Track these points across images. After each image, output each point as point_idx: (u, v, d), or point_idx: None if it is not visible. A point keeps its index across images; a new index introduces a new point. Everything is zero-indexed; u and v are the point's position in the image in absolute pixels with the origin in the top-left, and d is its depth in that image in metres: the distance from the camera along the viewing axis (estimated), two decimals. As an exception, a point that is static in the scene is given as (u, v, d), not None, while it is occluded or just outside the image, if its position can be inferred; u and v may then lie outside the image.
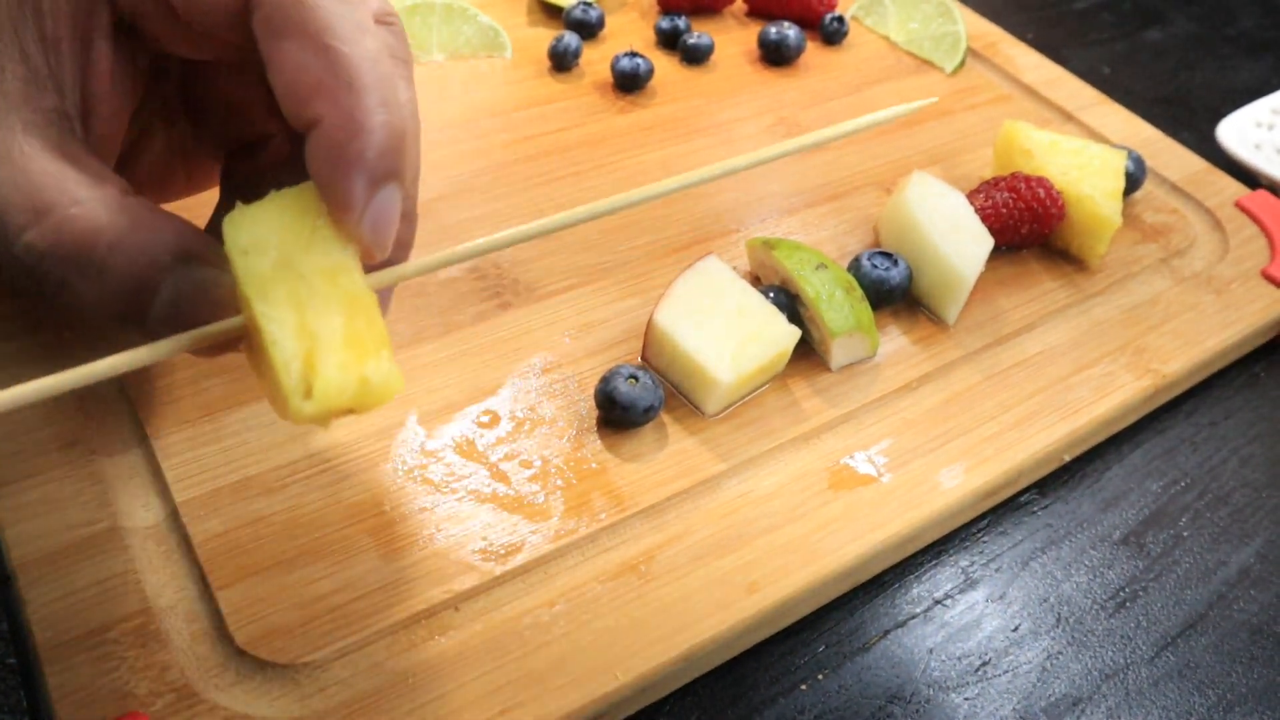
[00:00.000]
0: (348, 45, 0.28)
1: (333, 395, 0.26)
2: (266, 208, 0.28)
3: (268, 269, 0.27)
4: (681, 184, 0.32)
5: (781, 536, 0.38)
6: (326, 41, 0.28)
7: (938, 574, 0.41)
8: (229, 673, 0.33)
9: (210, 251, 0.30)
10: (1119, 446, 0.47)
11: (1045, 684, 0.38)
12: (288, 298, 0.27)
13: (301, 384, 0.26)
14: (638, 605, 0.36)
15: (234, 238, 0.27)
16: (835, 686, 0.37)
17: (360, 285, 0.28)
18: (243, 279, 0.27)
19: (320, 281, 0.27)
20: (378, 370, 0.27)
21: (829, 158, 0.57)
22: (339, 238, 0.28)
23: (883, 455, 0.42)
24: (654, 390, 0.40)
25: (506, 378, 0.43)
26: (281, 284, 0.27)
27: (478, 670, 0.34)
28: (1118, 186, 0.51)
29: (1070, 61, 0.71)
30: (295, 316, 0.27)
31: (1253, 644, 0.41)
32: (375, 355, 0.27)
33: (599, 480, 0.39)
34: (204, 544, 0.36)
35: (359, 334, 0.27)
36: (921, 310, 0.48)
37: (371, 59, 0.29)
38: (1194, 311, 0.51)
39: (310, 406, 0.26)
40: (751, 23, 0.68)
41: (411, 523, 0.37)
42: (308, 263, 0.27)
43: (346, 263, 0.28)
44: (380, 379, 0.27)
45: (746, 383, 0.42)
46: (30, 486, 0.36)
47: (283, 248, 0.27)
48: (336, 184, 0.28)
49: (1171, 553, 0.43)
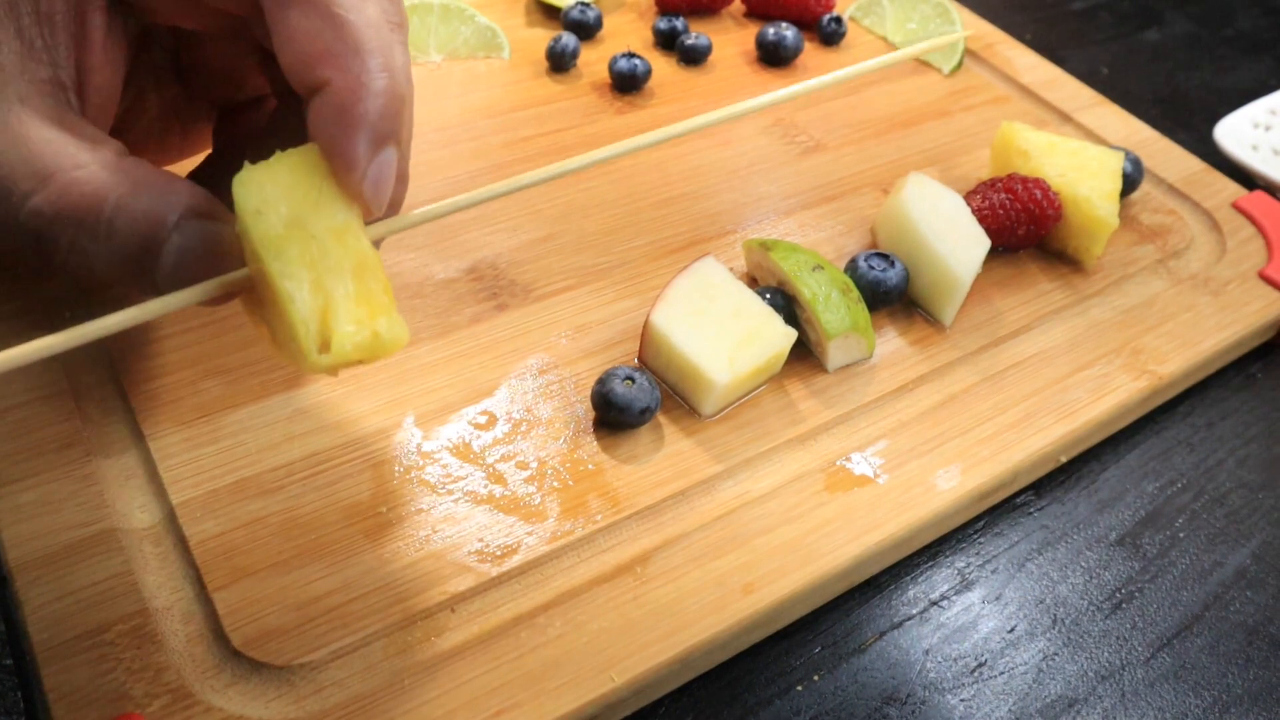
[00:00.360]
0: (352, 13, 0.30)
1: (348, 350, 0.28)
2: (275, 168, 0.29)
3: (280, 228, 0.28)
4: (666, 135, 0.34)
5: (778, 538, 0.39)
6: (332, 10, 0.29)
7: (934, 575, 0.42)
8: (225, 674, 0.33)
9: (210, 206, 0.31)
10: (1115, 447, 0.47)
11: (1041, 685, 0.38)
12: (301, 256, 0.28)
13: (319, 338, 0.28)
14: (634, 607, 0.36)
15: (244, 198, 0.28)
16: (831, 688, 0.38)
17: (366, 245, 0.29)
18: (256, 238, 0.28)
19: (330, 241, 0.28)
20: (388, 326, 0.28)
21: (826, 159, 0.57)
22: (343, 198, 0.29)
23: (879, 456, 0.42)
24: (650, 392, 0.41)
25: (503, 379, 0.43)
26: (294, 243, 0.28)
27: (474, 672, 0.34)
28: (1115, 188, 0.51)
29: (1068, 62, 0.71)
30: (310, 274, 0.28)
31: (1249, 645, 0.41)
32: (385, 311, 0.29)
33: (595, 482, 0.39)
34: (200, 545, 0.36)
35: (369, 291, 0.28)
36: (918, 311, 0.48)
37: (374, 25, 0.30)
38: (1191, 313, 0.51)
39: (326, 360, 0.28)
40: (749, 23, 0.68)
41: (408, 524, 0.37)
42: (317, 222, 0.28)
43: (352, 223, 0.29)
44: (389, 333, 0.29)
45: (743, 384, 0.42)
46: (27, 488, 0.36)
47: (292, 208, 0.28)
48: (341, 144, 0.29)
49: (1168, 554, 0.43)
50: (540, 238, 0.50)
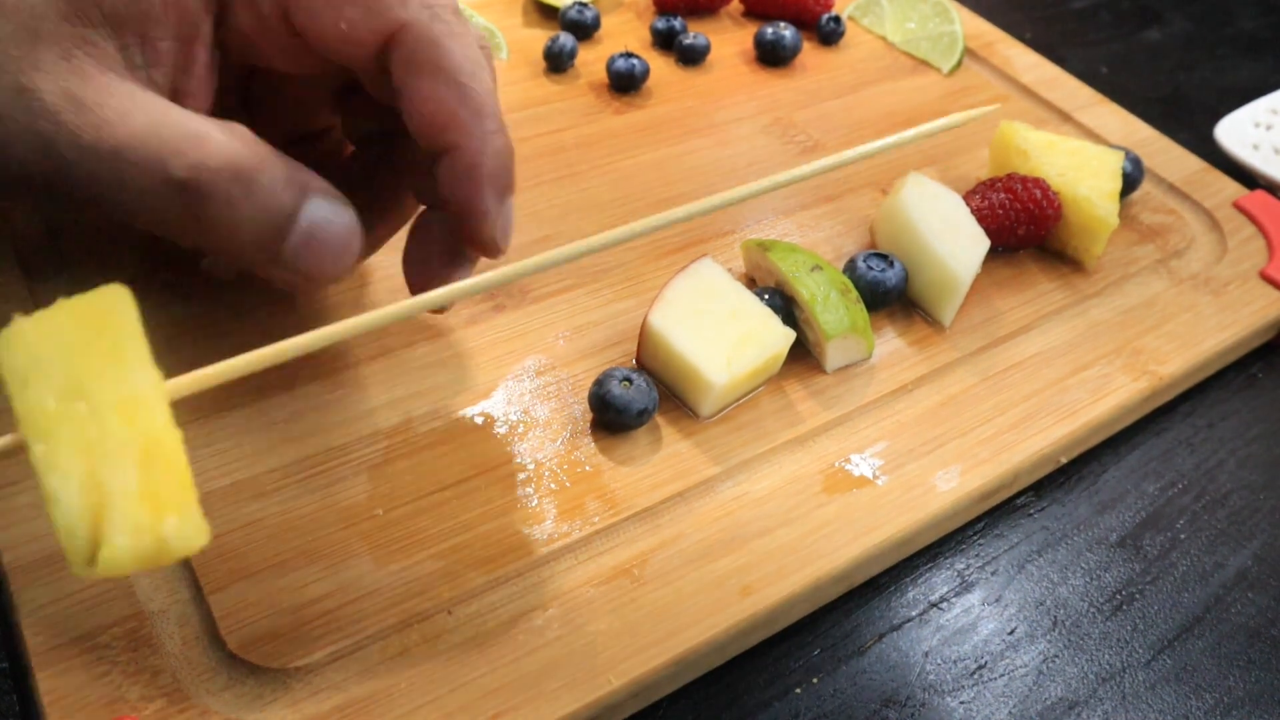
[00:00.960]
0: (475, 81, 0.34)
1: (122, 563, 0.23)
2: (56, 320, 0.23)
3: (52, 402, 0.23)
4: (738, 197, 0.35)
5: (776, 539, 0.38)
6: (459, 79, 0.33)
7: (933, 577, 0.41)
8: (220, 677, 0.33)
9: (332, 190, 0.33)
10: (1116, 448, 0.47)
11: (1041, 687, 0.38)
12: (74, 440, 0.23)
13: (87, 547, 0.23)
14: (631, 609, 0.36)
15: (10, 360, 0.23)
16: (830, 690, 0.37)
17: (162, 418, 0.24)
18: (20, 414, 0.23)
19: (116, 418, 0.23)
20: (178, 528, 0.24)
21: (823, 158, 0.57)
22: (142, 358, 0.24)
23: (878, 458, 0.42)
24: (648, 393, 0.40)
25: (500, 380, 0.42)
26: (67, 422, 0.23)
27: (471, 674, 0.34)
28: (1114, 187, 0.51)
29: (1068, 61, 0.71)
30: (83, 464, 0.23)
31: (1250, 647, 0.40)
32: (176, 508, 0.24)
33: (593, 483, 0.39)
34: (196, 548, 0.35)
35: (157, 483, 0.23)
36: (917, 312, 0.48)
37: (489, 90, 0.34)
38: (1191, 313, 0.51)
39: (94, 572, 0.23)
40: (748, 23, 0.68)
41: (404, 527, 0.37)
42: (102, 393, 0.23)
43: (148, 392, 0.24)
44: (179, 537, 0.24)
45: (741, 385, 0.42)
46: (22, 490, 0.36)
47: (72, 374, 0.23)
48: (474, 201, 0.34)
49: (1168, 555, 0.43)
50: (538, 239, 0.49)
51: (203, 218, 0.30)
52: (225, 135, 0.31)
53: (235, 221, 0.31)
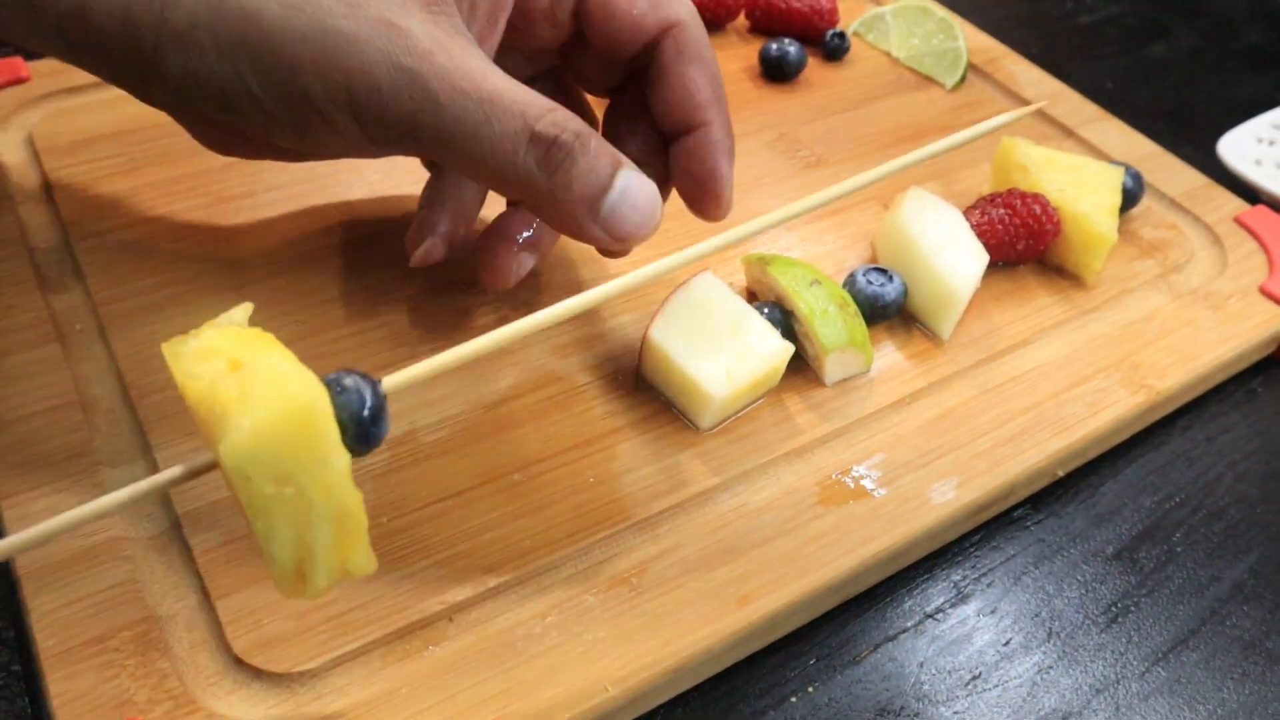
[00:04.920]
0: (718, 72, 0.40)
1: (320, 591, 0.30)
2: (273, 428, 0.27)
3: (270, 489, 0.28)
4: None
5: (773, 550, 0.39)
6: (712, 69, 0.40)
7: (930, 588, 0.42)
8: (227, 681, 0.34)
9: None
10: (1114, 462, 0.48)
11: (1035, 698, 0.39)
12: (287, 516, 0.28)
13: (294, 584, 0.30)
14: (630, 617, 0.36)
15: (237, 464, 0.27)
16: (825, 699, 0.38)
17: (350, 490, 0.29)
18: (244, 500, 0.28)
19: (319, 496, 0.28)
20: (357, 564, 0.30)
21: (827, 174, 0.58)
22: (338, 445, 0.29)
23: (875, 470, 0.42)
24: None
25: (504, 392, 0.43)
26: (282, 504, 0.28)
27: (471, 680, 0.34)
28: (1114, 203, 0.51)
29: (1074, 76, 0.71)
30: (293, 531, 0.28)
31: (1245, 659, 0.41)
32: (356, 550, 0.30)
33: (594, 493, 0.40)
34: (204, 554, 0.36)
35: (347, 535, 0.29)
36: (916, 326, 0.49)
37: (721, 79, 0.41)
38: (1190, 327, 0.51)
39: (299, 596, 0.30)
40: (753, 39, 0.68)
41: (407, 534, 0.38)
42: (309, 479, 0.28)
43: (342, 470, 0.29)
44: (358, 567, 0.30)
45: (741, 398, 0.42)
46: (36, 497, 0.37)
47: (283, 467, 0.28)
48: (720, 167, 0.40)
49: (1164, 568, 0.44)
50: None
51: (546, 169, 0.34)
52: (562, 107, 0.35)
53: (572, 176, 0.34)
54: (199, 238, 0.47)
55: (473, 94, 0.33)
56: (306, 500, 0.28)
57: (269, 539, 0.28)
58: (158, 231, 0.48)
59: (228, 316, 0.31)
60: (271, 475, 0.27)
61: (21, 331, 0.43)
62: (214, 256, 0.47)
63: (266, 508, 0.28)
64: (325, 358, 0.43)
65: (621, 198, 0.35)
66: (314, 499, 0.28)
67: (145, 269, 0.46)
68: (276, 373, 0.28)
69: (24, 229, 0.47)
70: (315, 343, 0.44)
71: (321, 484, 0.28)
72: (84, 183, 0.50)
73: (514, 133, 0.34)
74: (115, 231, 0.47)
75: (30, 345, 0.42)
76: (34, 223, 0.48)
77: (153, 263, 0.46)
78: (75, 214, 0.48)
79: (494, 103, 0.33)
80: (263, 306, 0.44)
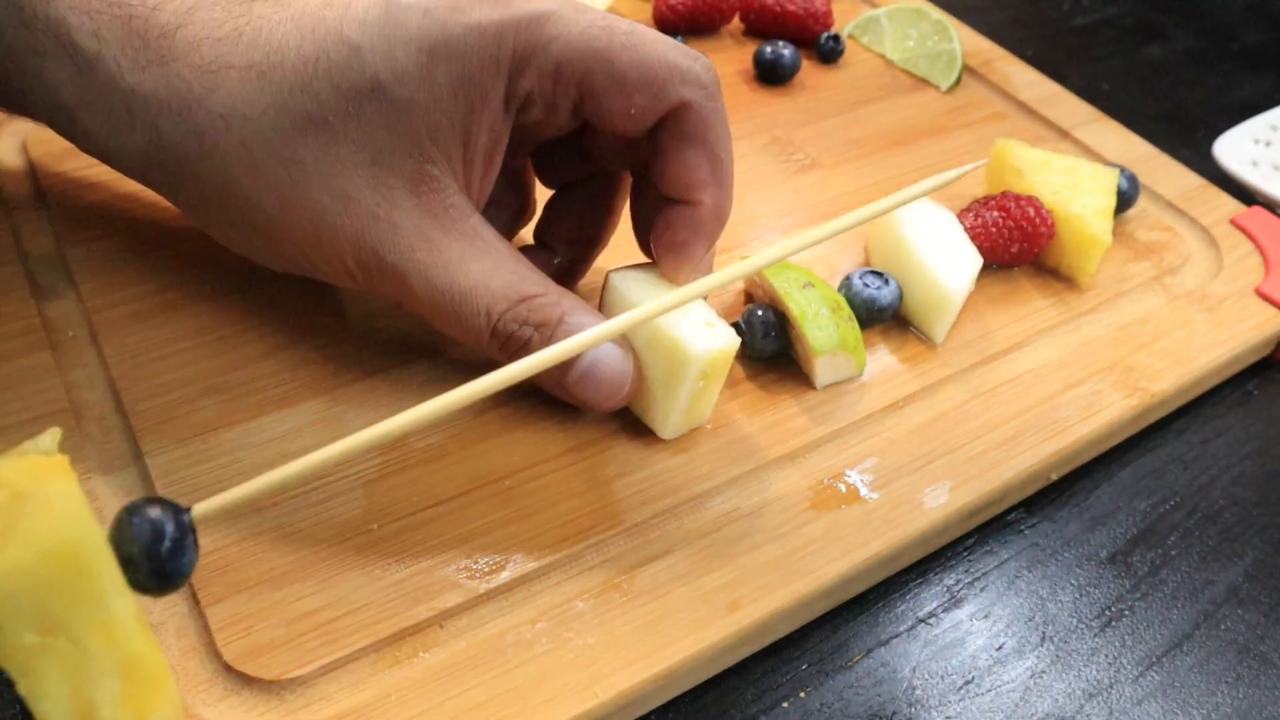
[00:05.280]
0: (726, 155, 0.40)
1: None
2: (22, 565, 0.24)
3: (33, 639, 0.24)
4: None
5: (765, 555, 0.39)
6: (717, 152, 0.39)
7: (923, 592, 0.42)
8: (217, 688, 0.34)
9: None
10: (1108, 465, 0.47)
11: (1029, 703, 0.39)
12: (57, 668, 0.25)
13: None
14: (620, 622, 0.36)
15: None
16: (817, 704, 0.38)
17: (138, 633, 0.26)
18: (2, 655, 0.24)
19: (95, 641, 0.25)
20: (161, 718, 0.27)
21: (821, 176, 0.58)
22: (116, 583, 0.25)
23: (868, 474, 0.42)
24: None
25: (495, 398, 0.43)
26: (48, 655, 0.24)
27: (461, 686, 0.34)
28: (1109, 205, 0.51)
29: (1070, 78, 0.71)
30: (68, 686, 0.25)
31: (1239, 663, 0.41)
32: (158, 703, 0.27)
33: (584, 499, 0.40)
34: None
35: (138, 687, 0.26)
36: (910, 329, 0.49)
37: (732, 162, 0.40)
38: (1185, 329, 0.51)
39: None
40: (748, 41, 0.68)
41: (398, 541, 0.38)
42: (79, 621, 0.25)
43: (126, 615, 0.26)
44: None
45: (693, 407, 0.41)
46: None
47: (46, 612, 0.24)
48: (690, 246, 0.40)
49: (1159, 572, 0.43)
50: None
51: (506, 355, 0.38)
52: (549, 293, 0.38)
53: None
54: (192, 245, 0.47)
55: (445, 292, 0.37)
56: (82, 651, 0.25)
57: (37, 698, 0.25)
58: (151, 239, 0.48)
59: (34, 444, 0.28)
60: (34, 623, 0.24)
61: (13, 339, 0.43)
62: (207, 264, 0.47)
63: (28, 662, 0.24)
64: (325, 360, 0.43)
65: (583, 377, 0.39)
66: (90, 649, 0.25)
67: (138, 276, 0.46)
68: (49, 505, 0.25)
69: (17, 235, 0.47)
70: (316, 343, 0.44)
71: (100, 631, 0.25)
72: (78, 190, 0.50)
73: (478, 328, 0.38)
74: (109, 239, 0.47)
75: (22, 352, 0.42)
76: (27, 229, 0.48)
77: (146, 270, 0.46)
78: (69, 221, 0.48)
79: (463, 301, 0.37)
80: (261, 311, 0.45)
